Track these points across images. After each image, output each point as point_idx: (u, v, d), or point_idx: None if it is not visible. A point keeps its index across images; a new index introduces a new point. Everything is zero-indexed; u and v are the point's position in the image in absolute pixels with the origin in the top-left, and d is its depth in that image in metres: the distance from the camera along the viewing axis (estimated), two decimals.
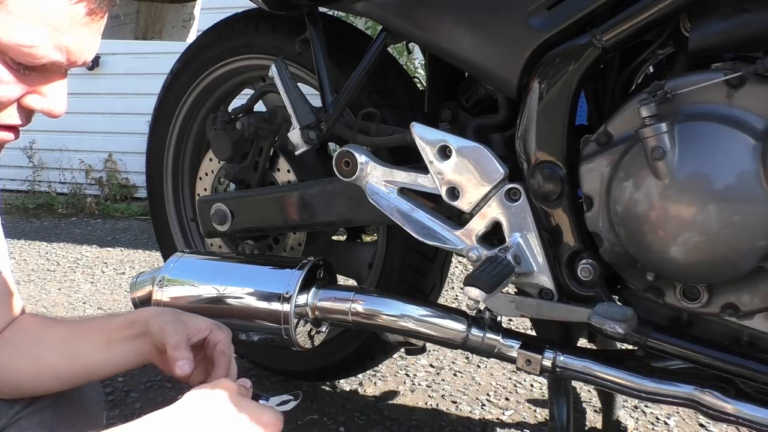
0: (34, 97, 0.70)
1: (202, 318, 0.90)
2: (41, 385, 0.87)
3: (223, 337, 0.88)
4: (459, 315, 1.14)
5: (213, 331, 0.88)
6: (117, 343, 0.87)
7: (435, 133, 1.14)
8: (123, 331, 0.88)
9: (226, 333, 0.89)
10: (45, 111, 0.71)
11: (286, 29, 1.46)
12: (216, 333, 0.88)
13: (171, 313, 0.88)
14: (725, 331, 1.02)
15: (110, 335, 0.88)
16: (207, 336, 0.88)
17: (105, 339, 0.88)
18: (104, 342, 0.88)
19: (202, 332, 0.87)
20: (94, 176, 4.63)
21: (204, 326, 0.88)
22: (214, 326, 0.89)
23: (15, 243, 3.40)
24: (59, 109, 0.71)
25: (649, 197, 0.94)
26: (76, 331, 0.90)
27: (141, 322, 0.87)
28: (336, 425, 1.57)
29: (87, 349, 0.87)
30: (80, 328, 0.91)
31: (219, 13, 1.72)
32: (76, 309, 2.42)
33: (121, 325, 0.89)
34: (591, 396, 1.68)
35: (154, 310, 0.90)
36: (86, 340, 0.88)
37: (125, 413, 1.63)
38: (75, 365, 0.87)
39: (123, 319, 0.90)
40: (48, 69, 0.69)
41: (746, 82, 0.88)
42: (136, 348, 0.87)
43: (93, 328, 0.90)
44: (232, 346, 0.89)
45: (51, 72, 0.69)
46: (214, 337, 0.88)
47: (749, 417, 0.94)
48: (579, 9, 1.00)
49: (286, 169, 1.51)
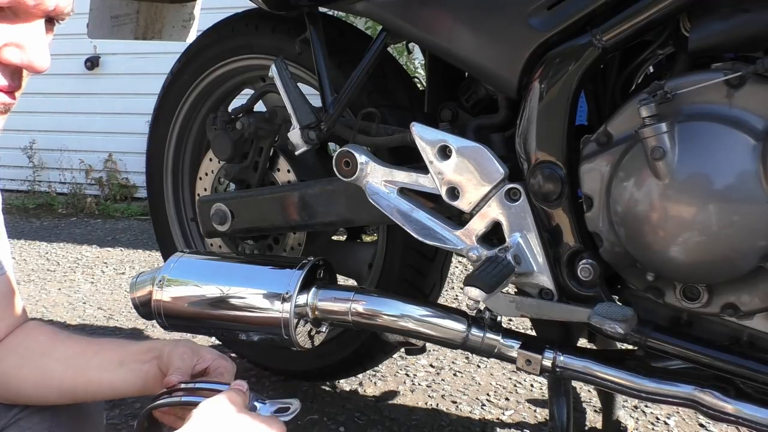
0: (12, 50, 0.66)
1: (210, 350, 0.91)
2: (43, 396, 0.88)
3: (227, 364, 0.89)
4: (459, 315, 1.14)
5: (216, 360, 0.89)
6: (128, 365, 0.88)
7: (435, 133, 1.13)
8: (138, 355, 0.88)
9: (230, 364, 0.90)
10: (26, 64, 0.67)
11: (286, 29, 1.46)
12: (219, 361, 0.89)
13: (185, 343, 0.89)
14: (725, 331, 1.02)
15: (124, 357, 0.88)
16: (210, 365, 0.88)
17: (118, 360, 0.88)
18: (116, 362, 0.88)
19: (206, 361, 0.88)
20: (94, 176, 4.63)
21: (209, 356, 0.89)
22: (219, 357, 0.90)
23: (15, 243, 3.39)
24: (40, 61, 0.67)
25: (649, 197, 0.94)
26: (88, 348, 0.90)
27: (157, 350, 0.88)
28: (336, 425, 1.57)
29: (96, 366, 0.88)
30: (95, 344, 0.92)
31: (219, 13, 1.72)
32: (76, 309, 2.42)
33: (139, 351, 0.89)
34: (591, 396, 1.68)
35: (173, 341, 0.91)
36: (98, 357, 0.89)
37: (125, 413, 1.63)
38: (80, 381, 0.87)
39: (142, 345, 0.91)
40: (17, 14, 0.65)
41: (746, 82, 0.88)
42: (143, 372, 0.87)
43: (108, 348, 0.91)
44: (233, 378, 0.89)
45: (22, 19, 0.66)
46: (217, 364, 0.88)
47: (749, 417, 0.94)
48: (579, 9, 1.00)
49: (286, 169, 1.51)
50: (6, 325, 0.89)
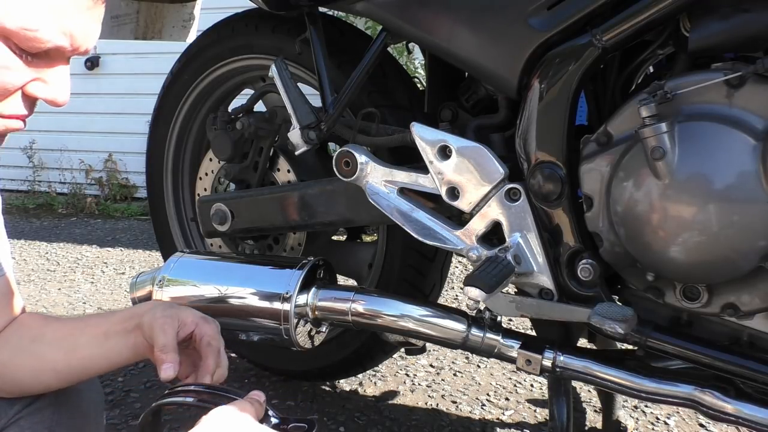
0: (38, 85, 0.70)
1: (190, 311, 0.89)
2: (40, 381, 0.87)
3: (209, 329, 0.87)
4: (459, 315, 1.14)
5: (199, 325, 0.87)
6: (113, 337, 0.87)
7: (435, 133, 1.14)
8: (120, 324, 0.88)
9: (213, 325, 0.89)
10: (49, 99, 0.71)
11: (286, 29, 1.46)
12: (202, 326, 0.87)
13: (162, 307, 0.87)
14: (725, 331, 1.02)
15: (108, 329, 0.88)
16: (193, 330, 0.87)
17: (102, 333, 0.88)
18: (101, 336, 0.87)
19: (189, 326, 0.87)
20: (94, 176, 4.63)
21: (190, 320, 0.87)
22: (201, 320, 0.88)
23: (15, 243, 3.40)
24: (63, 97, 0.72)
25: (649, 197, 0.94)
26: (75, 327, 0.90)
27: (136, 316, 0.87)
28: (336, 425, 1.57)
29: (84, 343, 0.87)
30: (80, 323, 0.91)
31: (219, 13, 1.72)
32: (76, 309, 2.42)
33: (120, 319, 0.89)
34: (591, 396, 1.68)
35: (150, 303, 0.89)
36: (85, 335, 0.88)
37: (125, 413, 1.63)
38: (73, 360, 0.87)
39: (122, 313, 0.90)
40: (51, 56, 0.69)
41: (746, 82, 0.88)
42: (130, 342, 0.87)
43: (92, 323, 0.90)
44: (220, 338, 0.88)
45: (54, 59, 0.70)
46: (200, 331, 0.87)
47: (749, 417, 0.94)
48: (579, 9, 1.00)
49: (286, 169, 1.51)
50: (4, 322, 0.89)
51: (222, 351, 0.87)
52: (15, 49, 0.66)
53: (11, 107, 0.70)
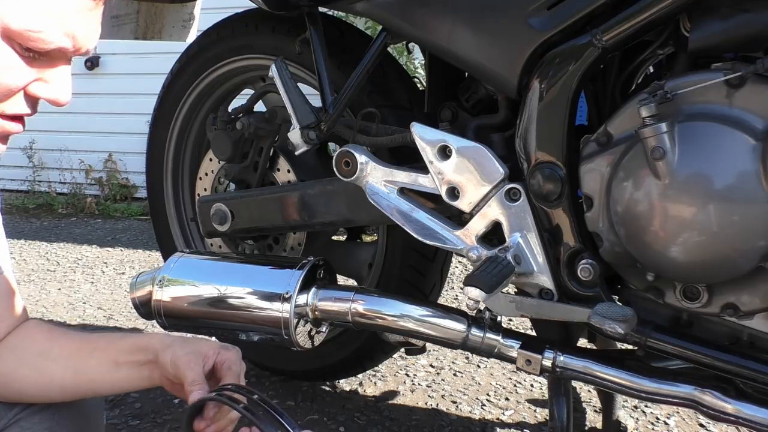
0: (40, 85, 0.71)
1: (208, 342, 0.90)
2: (45, 395, 0.88)
3: (229, 355, 0.89)
4: (459, 315, 1.14)
5: (220, 353, 0.89)
6: (124, 366, 0.88)
7: (435, 133, 1.14)
8: (130, 355, 0.88)
9: (233, 351, 0.90)
10: (51, 99, 0.72)
11: (286, 29, 1.46)
12: (223, 354, 0.89)
13: (181, 344, 0.88)
14: (725, 331, 1.02)
15: (117, 357, 0.88)
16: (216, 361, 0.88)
17: (112, 360, 0.88)
18: (111, 363, 0.88)
19: (211, 358, 0.88)
20: (94, 176, 4.63)
21: (212, 352, 0.88)
22: (221, 348, 0.90)
23: (15, 243, 3.40)
24: (64, 97, 0.72)
25: (649, 197, 0.94)
26: (83, 347, 0.90)
27: (150, 351, 0.88)
28: (336, 425, 1.57)
29: (94, 367, 0.88)
30: (87, 343, 0.91)
31: (219, 13, 1.72)
32: (76, 309, 2.42)
33: (129, 349, 0.89)
34: (591, 396, 1.68)
35: (162, 339, 0.89)
36: (93, 359, 0.89)
37: (125, 413, 1.63)
38: (81, 382, 0.88)
39: (130, 343, 0.90)
40: (53, 56, 0.70)
41: (746, 82, 0.88)
42: (144, 375, 0.88)
43: (100, 346, 0.90)
44: (241, 363, 0.89)
45: (56, 59, 0.71)
46: (221, 358, 0.88)
47: (749, 417, 0.94)
48: (579, 9, 1.00)
49: (286, 169, 1.51)
50: (6, 325, 0.89)
51: (241, 375, 0.88)
52: (18, 49, 0.67)
53: (14, 107, 0.71)
